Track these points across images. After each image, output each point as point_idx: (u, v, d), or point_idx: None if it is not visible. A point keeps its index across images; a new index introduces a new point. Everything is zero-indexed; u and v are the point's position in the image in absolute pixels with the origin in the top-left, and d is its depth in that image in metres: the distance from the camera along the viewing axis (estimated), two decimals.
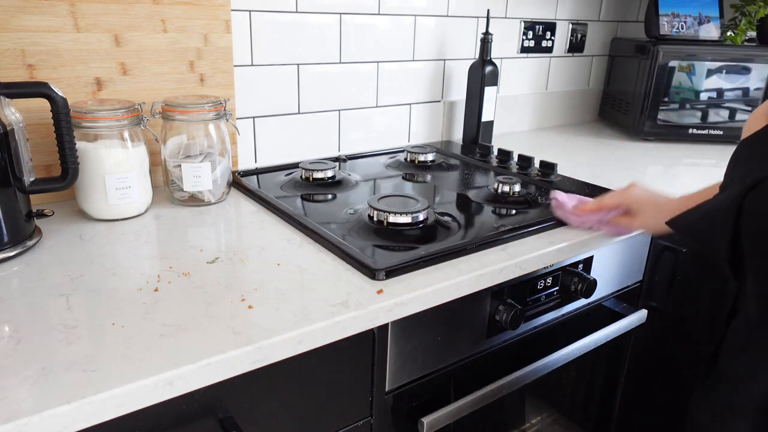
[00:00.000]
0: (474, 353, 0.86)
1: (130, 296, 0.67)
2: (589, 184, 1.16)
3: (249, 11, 1.13)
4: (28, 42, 0.88)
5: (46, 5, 0.88)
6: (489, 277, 0.79)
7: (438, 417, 0.78)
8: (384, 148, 1.40)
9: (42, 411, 0.48)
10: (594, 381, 1.19)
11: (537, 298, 0.91)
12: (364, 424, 0.76)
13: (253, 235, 0.87)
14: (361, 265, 0.75)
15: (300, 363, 0.65)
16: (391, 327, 0.73)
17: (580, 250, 0.91)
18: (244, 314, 0.64)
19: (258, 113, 1.21)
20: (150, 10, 0.98)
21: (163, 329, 0.60)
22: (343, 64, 1.30)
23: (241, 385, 0.62)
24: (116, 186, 0.88)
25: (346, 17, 1.27)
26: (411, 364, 0.78)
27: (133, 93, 1.00)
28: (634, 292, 1.13)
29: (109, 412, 0.52)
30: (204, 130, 0.97)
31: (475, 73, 1.42)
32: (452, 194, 1.12)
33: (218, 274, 0.74)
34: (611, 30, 1.85)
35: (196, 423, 0.61)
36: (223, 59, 1.08)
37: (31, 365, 0.54)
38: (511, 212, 1.00)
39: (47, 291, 0.68)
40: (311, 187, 1.09)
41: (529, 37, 1.64)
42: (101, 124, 0.87)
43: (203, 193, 0.98)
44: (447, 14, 1.43)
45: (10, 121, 0.75)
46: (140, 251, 0.80)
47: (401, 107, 1.43)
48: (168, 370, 0.54)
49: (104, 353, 0.56)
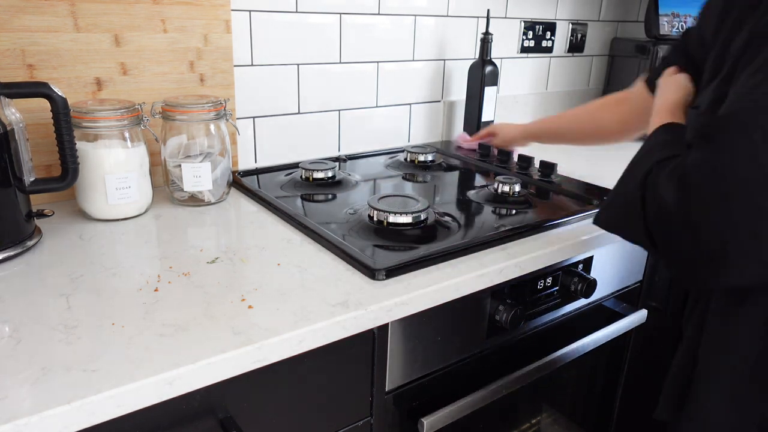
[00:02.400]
0: (474, 353, 0.86)
1: (130, 296, 0.67)
2: (590, 184, 1.16)
3: (249, 11, 1.13)
4: (28, 42, 0.88)
5: (46, 5, 0.88)
6: (489, 277, 0.79)
7: (438, 417, 0.78)
8: (384, 148, 1.40)
9: (42, 411, 0.48)
10: (594, 381, 1.19)
11: (537, 298, 0.91)
12: (364, 424, 0.76)
13: (253, 235, 0.87)
14: (361, 265, 0.75)
15: (300, 363, 0.65)
16: (391, 327, 0.73)
17: (580, 250, 0.91)
18: (244, 314, 0.64)
19: (258, 113, 1.21)
20: (150, 10, 0.98)
21: (163, 329, 0.60)
22: (343, 64, 1.30)
23: (241, 385, 0.62)
24: (116, 186, 0.88)
25: (346, 17, 1.27)
26: (411, 364, 0.78)
27: (133, 93, 1.00)
28: (634, 292, 1.13)
29: (109, 412, 0.51)
30: (204, 130, 0.97)
31: (475, 73, 1.42)
32: (452, 194, 1.12)
33: (218, 274, 0.74)
34: (611, 30, 1.85)
35: (196, 423, 0.61)
36: (223, 59, 1.08)
37: (31, 365, 0.54)
38: (511, 212, 1.00)
39: (47, 291, 0.68)
40: (311, 187, 1.09)
41: (529, 37, 1.64)
42: (101, 124, 0.87)
43: (203, 193, 0.98)
44: (447, 14, 1.43)
45: (10, 121, 0.75)
46: (140, 251, 0.80)
47: (401, 107, 1.43)
48: (168, 370, 0.54)
49: (104, 353, 0.56)
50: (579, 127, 1.14)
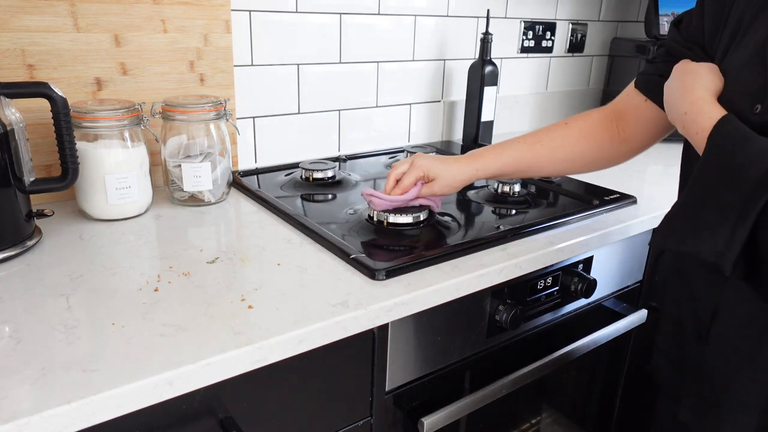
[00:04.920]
0: (474, 353, 0.86)
1: (130, 296, 0.67)
2: (590, 184, 1.16)
3: (249, 11, 1.13)
4: (28, 42, 0.88)
5: (46, 5, 0.88)
6: (489, 277, 0.79)
7: (438, 417, 0.78)
8: (384, 148, 1.40)
9: (42, 411, 0.48)
10: (594, 381, 1.19)
11: (537, 298, 0.91)
12: (364, 424, 0.76)
13: (253, 235, 0.87)
14: (361, 265, 0.75)
15: (300, 363, 0.65)
16: (391, 327, 0.73)
17: (580, 250, 0.91)
18: (244, 314, 0.64)
19: (258, 113, 1.21)
20: (150, 10, 0.98)
21: (163, 329, 0.60)
22: (343, 64, 1.30)
23: (241, 385, 0.62)
24: (116, 186, 0.88)
25: (346, 17, 1.27)
26: (411, 364, 0.78)
27: (133, 93, 1.00)
28: (634, 292, 1.13)
29: (109, 412, 0.51)
30: (204, 130, 0.97)
31: (475, 73, 1.42)
32: (452, 194, 1.12)
33: (218, 274, 0.74)
34: (611, 30, 1.85)
35: (196, 423, 0.61)
36: (223, 59, 1.08)
37: (31, 365, 0.54)
38: (511, 212, 1.00)
39: (47, 291, 0.68)
40: (311, 187, 1.09)
41: (529, 37, 1.64)
42: (101, 124, 0.87)
43: (203, 193, 0.98)
44: (447, 14, 1.43)
45: (10, 121, 0.75)
46: (140, 251, 0.80)
47: (401, 107, 1.43)
48: (168, 370, 0.54)
49: (104, 353, 0.56)
50: (559, 161, 0.87)
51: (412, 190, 0.86)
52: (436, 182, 0.86)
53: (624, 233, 0.98)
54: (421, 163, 0.86)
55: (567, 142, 0.85)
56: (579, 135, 0.85)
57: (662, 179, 1.29)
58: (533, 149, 0.86)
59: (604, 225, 0.95)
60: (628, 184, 1.18)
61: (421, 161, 0.86)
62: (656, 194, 1.14)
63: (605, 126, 0.85)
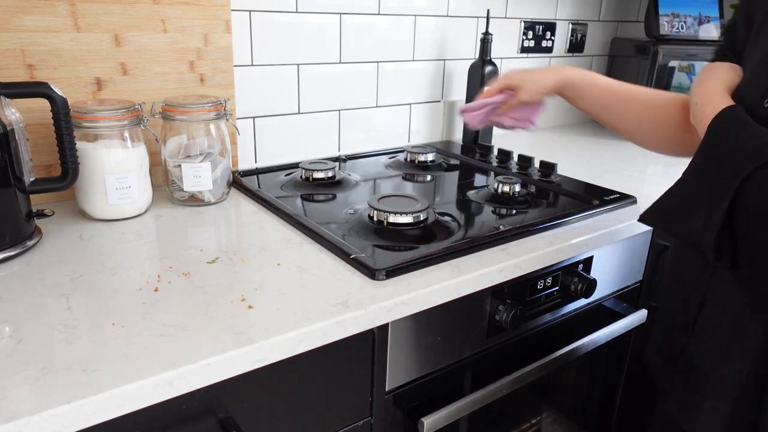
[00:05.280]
0: (474, 353, 0.86)
1: (130, 296, 0.67)
2: (590, 184, 1.16)
3: (249, 11, 1.13)
4: (28, 42, 0.88)
5: (46, 5, 0.88)
6: (489, 277, 0.79)
7: (438, 417, 0.78)
8: (384, 148, 1.40)
9: (42, 411, 0.48)
10: (594, 381, 1.19)
11: (537, 298, 0.91)
12: (364, 424, 0.76)
13: (253, 235, 0.87)
14: (361, 265, 0.75)
15: (300, 363, 0.65)
16: (391, 327, 0.73)
17: (580, 250, 0.91)
18: (244, 314, 0.64)
19: (258, 113, 1.21)
20: (150, 10, 0.98)
21: (163, 329, 0.60)
22: (343, 64, 1.30)
23: (241, 385, 0.62)
24: (116, 186, 0.88)
25: (346, 17, 1.27)
26: (411, 364, 0.78)
27: (133, 93, 1.00)
28: (634, 292, 1.13)
29: (109, 412, 0.52)
30: (204, 130, 0.97)
31: (475, 73, 1.42)
32: (452, 194, 1.12)
33: (218, 274, 0.74)
34: (611, 30, 1.85)
35: (196, 423, 0.61)
36: (223, 59, 1.08)
37: (31, 365, 0.54)
38: (511, 212, 1.00)
39: (47, 291, 0.68)
40: (311, 187, 1.09)
41: (529, 37, 1.64)
42: (101, 124, 0.87)
43: (203, 193, 0.98)
44: (447, 14, 1.43)
45: (10, 121, 0.75)
46: (140, 251, 0.80)
47: (401, 107, 1.43)
48: (168, 370, 0.54)
49: (104, 353, 0.56)
50: (636, 125, 0.84)
51: (497, 96, 0.90)
52: (521, 90, 0.89)
53: (624, 233, 0.98)
54: (506, 74, 0.91)
55: (651, 114, 0.82)
56: (667, 105, 0.81)
57: (662, 179, 1.29)
58: (623, 99, 0.84)
59: (604, 225, 0.95)
60: (628, 184, 1.18)
61: (507, 73, 0.91)
62: (656, 194, 1.12)
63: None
